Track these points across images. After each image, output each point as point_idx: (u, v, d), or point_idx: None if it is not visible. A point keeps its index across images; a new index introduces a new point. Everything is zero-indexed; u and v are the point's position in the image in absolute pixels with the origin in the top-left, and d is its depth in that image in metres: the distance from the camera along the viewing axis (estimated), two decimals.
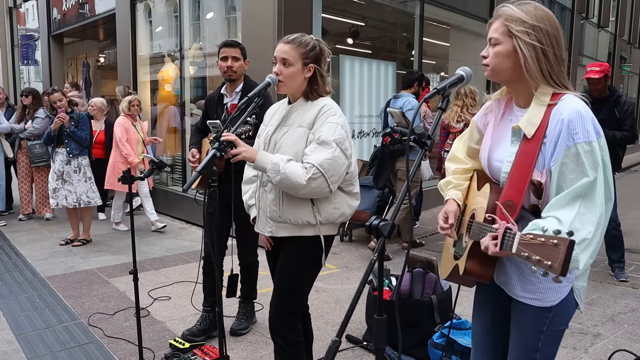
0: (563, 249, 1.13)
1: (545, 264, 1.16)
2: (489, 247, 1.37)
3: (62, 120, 5.36)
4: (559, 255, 1.13)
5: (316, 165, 2.03)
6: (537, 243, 1.19)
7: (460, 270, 1.60)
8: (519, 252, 1.24)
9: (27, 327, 3.52)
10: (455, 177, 1.80)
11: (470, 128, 1.81)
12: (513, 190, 1.49)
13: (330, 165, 2.05)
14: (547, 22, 1.49)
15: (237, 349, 3.22)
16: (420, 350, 3.00)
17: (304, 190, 2.05)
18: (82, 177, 5.53)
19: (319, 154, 2.05)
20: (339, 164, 2.09)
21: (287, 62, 2.14)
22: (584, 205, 1.37)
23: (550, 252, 1.15)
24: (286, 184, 2.05)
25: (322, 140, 2.07)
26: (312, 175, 2.02)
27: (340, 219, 2.24)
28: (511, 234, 1.29)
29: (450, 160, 1.87)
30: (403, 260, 5.01)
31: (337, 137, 2.09)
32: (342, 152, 2.10)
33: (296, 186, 2.03)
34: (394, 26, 8.97)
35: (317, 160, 2.04)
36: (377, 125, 7.01)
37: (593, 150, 1.40)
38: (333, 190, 2.11)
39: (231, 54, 3.16)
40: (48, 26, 11.81)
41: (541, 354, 1.60)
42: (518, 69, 1.50)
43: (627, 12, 18.24)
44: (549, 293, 1.54)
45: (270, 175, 2.06)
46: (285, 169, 2.02)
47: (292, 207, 2.15)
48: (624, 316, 3.73)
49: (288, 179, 2.02)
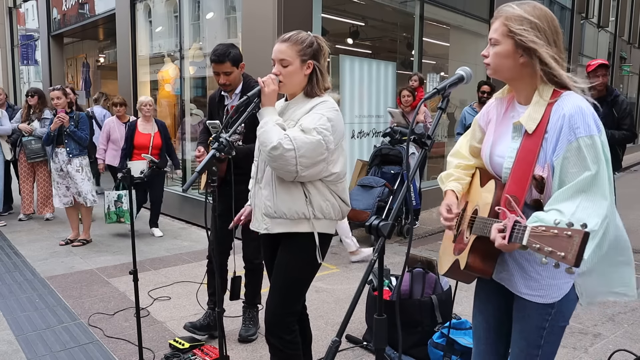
0: (578, 240, 1.14)
1: (558, 255, 1.17)
2: (496, 239, 1.36)
3: (61, 120, 5.36)
4: (573, 247, 1.14)
5: (290, 137, 2.02)
6: (550, 235, 1.20)
7: (461, 265, 1.60)
8: (530, 243, 1.24)
9: (27, 327, 3.52)
10: (456, 170, 1.81)
11: (473, 127, 1.82)
12: (516, 186, 1.50)
13: (304, 144, 2.02)
14: (546, 21, 1.50)
15: (237, 349, 3.22)
16: (420, 350, 3.00)
17: (272, 152, 2.02)
18: (84, 176, 5.53)
19: (298, 132, 2.06)
20: (315, 149, 2.04)
21: (285, 61, 2.13)
22: (587, 198, 1.38)
23: (563, 244, 1.16)
24: (263, 138, 2.06)
25: (303, 127, 2.07)
26: (284, 144, 2.00)
27: (334, 215, 2.23)
28: (521, 226, 1.30)
29: (453, 155, 1.88)
30: (403, 260, 5.02)
31: (319, 126, 2.06)
32: (323, 140, 2.06)
33: (268, 143, 2.03)
34: (394, 26, 8.97)
35: (293, 134, 2.04)
36: (377, 125, 7.01)
37: (594, 144, 1.41)
38: (300, 173, 2.06)
39: (222, 70, 3.06)
40: (48, 26, 11.81)
41: (543, 351, 1.61)
42: (518, 67, 1.53)
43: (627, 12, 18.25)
44: (551, 289, 1.55)
45: (260, 125, 2.09)
46: (272, 126, 2.05)
47: (285, 200, 2.15)
48: (624, 316, 3.73)
49: (267, 133, 2.04)
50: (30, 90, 6.89)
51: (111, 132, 6.45)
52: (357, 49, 8.53)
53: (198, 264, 5.03)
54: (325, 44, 2.22)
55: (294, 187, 2.15)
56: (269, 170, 2.19)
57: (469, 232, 1.63)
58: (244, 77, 3.21)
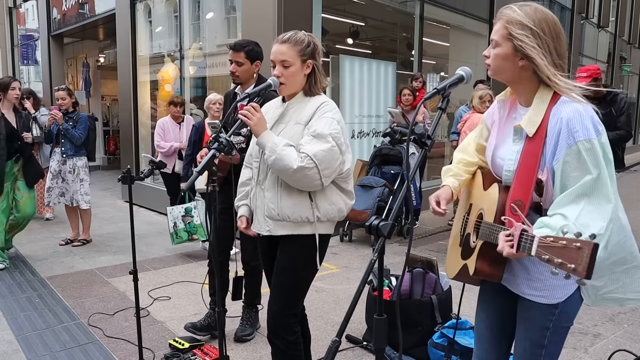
0: (587, 252, 1.13)
1: (568, 267, 1.16)
2: (504, 248, 1.36)
3: (53, 116, 5.37)
4: (583, 259, 1.13)
5: (310, 155, 2.02)
6: (559, 246, 1.19)
7: (470, 270, 1.61)
8: (539, 254, 1.23)
9: (27, 327, 3.52)
10: (457, 166, 1.83)
11: (480, 125, 1.84)
12: (521, 190, 1.50)
13: (324, 157, 2.05)
14: (547, 25, 1.50)
15: (237, 349, 3.22)
16: (420, 350, 3.00)
17: (294, 175, 2.04)
18: (75, 177, 5.51)
19: (314, 145, 2.05)
20: (333, 157, 2.08)
21: (287, 62, 2.13)
22: (590, 202, 1.38)
23: (573, 255, 1.15)
24: (279, 165, 2.05)
25: (317, 133, 2.07)
26: (306, 164, 2.01)
27: (337, 217, 2.24)
28: (528, 236, 1.29)
29: (460, 150, 1.90)
30: (403, 260, 5.02)
31: (333, 131, 2.08)
32: (337, 146, 2.09)
33: (287, 169, 2.03)
34: (394, 26, 8.96)
35: (312, 151, 2.03)
36: (377, 125, 7.01)
37: (594, 148, 1.41)
38: (325, 184, 2.10)
39: (235, 59, 3.09)
40: (48, 26, 11.81)
41: (546, 351, 1.61)
42: (517, 70, 1.53)
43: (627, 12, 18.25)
44: (555, 290, 1.55)
45: (266, 153, 2.07)
46: (282, 150, 2.03)
47: (290, 204, 2.15)
48: (623, 316, 3.73)
49: (282, 160, 2.02)
50: (25, 92, 6.84)
51: (165, 134, 5.75)
52: (357, 49, 8.53)
53: (198, 264, 5.03)
54: (319, 42, 2.25)
55: (299, 191, 2.14)
56: (274, 173, 2.17)
57: (475, 237, 1.63)
58: (259, 77, 3.21)
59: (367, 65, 6.93)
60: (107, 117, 13.85)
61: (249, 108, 2.08)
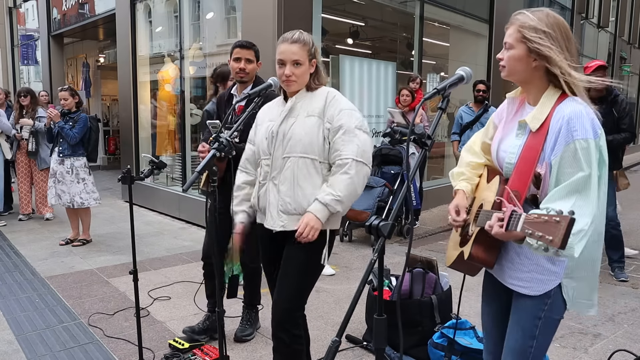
0: (564, 224, 1.24)
1: (547, 238, 1.26)
2: (494, 227, 1.43)
3: (49, 115, 5.37)
4: (560, 231, 1.24)
5: (352, 157, 2.16)
6: (541, 221, 1.28)
7: (465, 255, 1.67)
8: (524, 229, 1.32)
9: (27, 327, 3.52)
10: (468, 169, 1.88)
11: (488, 124, 1.90)
12: (519, 182, 1.58)
13: (363, 150, 2.19)
14: (559, 29, 1.58)
15: (237, 349, 3.22)
16: (420, 351, 3.00)
17: (359, 181, 2.18)
18: (74, 178, 5.47)
19: (350, 145, 2.17)
20: (368, 144, 2.23)
21: (299, 62, 2.21)
22: (580, 197, 1.46)
23: (552, 228, 1.25)
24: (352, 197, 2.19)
25: (345, 129, 2.18)
26: (356, 168, 2.15)
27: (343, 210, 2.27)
28: (517, 215, 1.37)
29: (467, 151, 1.94)
30: (403, 260, 5.02)
31: (358, 123, 2.21)
32: (366, 134, 2.23)
33: (356, 188, 2.19)
34: (394, 26, 8.96)
35: (352, 153, 2.16)
36: (377, 125, 7.01)
37: (589, 148, 1.49)
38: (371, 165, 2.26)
39: (245, 56, 3.11)
40: (48, 26, 11.81)
41: (537, 342, 1.67)
42: (530, 71, 1.61)
43: (627, 12, 18.25)
44: (535, 283, 1.63)
45: (338, 209, 2.17)
46: (339, 192, 2.14)
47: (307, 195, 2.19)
48: (624, 316, 3.73)
49: (349, 194, 2.16)
50: (23, 90, 6.82)
51: None
52: (357, 49, 8.52)
53: (198, 264, 5.01)
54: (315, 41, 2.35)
55: (316, 181, 2.21)
56: (289, 166, 2.21)
57: (474, 225, 1.69)
58: (256, 78, 3.22)
59: (367, 65, 6.93)
60: (107, 117, 13.86)
61: (307, 235, 2.15)
